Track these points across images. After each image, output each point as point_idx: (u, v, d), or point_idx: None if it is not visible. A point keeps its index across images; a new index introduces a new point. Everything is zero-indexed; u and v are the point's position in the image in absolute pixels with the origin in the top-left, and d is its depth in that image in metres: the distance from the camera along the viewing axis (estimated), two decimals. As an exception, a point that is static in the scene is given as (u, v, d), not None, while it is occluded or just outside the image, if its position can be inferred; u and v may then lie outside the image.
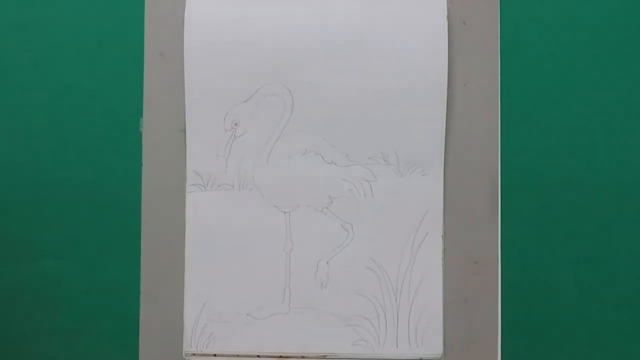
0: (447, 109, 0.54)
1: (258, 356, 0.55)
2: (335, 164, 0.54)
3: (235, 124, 0.54)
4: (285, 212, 0.54)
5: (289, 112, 0.54)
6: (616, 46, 0.55)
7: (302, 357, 0.54)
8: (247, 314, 0.55)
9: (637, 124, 0.55)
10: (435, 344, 0.54)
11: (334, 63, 0.54)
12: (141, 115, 0.55)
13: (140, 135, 0.56)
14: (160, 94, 0.55)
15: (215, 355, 0.55)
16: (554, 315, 0.55)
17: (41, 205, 0.56)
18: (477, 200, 0.54)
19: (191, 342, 0.54)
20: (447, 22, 0.54)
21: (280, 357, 0.54)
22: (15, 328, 0.56)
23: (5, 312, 0.56)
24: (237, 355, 0.55)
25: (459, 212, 0.54)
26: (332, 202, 0.54)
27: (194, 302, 0.55)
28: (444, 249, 0.54)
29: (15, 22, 0.56)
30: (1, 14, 0.56)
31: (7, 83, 0.56)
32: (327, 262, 0.54)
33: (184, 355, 0.55)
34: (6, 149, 0.56)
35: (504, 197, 0.54)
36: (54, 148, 0.56)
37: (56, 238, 0.56)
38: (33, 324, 0.56)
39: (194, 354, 0.55)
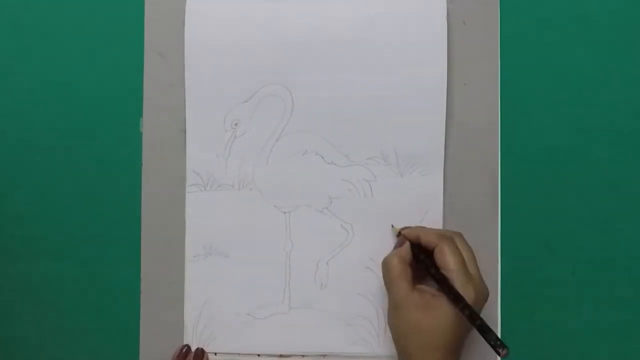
0: (447, 108, 0.54)
1: (258, 355, 0.55)
2: (335, 164, 0.54)
3: (236, 124, 0.54)
4: (285, 212, 0.54)
5: (289, 112, 0.54)
6: (617, 46, 0.55)
7: (302, 356, 0.54)
8: (247, 314, 0.55)
9: (638, 123, 0.55)
10: (435, 344, 0.54)
11: (334, 63, 0.54)
12: (141, 115, 0.55)
13: (140, 135, 0.56)
14: (160, 94, 0.55)
15: (215, 354, 0.55)
16: (554, 315, 0.55)
17: (41, 205, 0.56)
18: (477, 200, 0.54)
19: (192, 341, 0.55)
20: (447, 22, 0.54)
21: (281, 356, 0.54)
22: (14, 328, 0.56)
23: (4, 312, 0.56)
24: (237, 354, 0.55)
25: (459, 212, 0.54)
26: (331, 202, 0.54)
27: (194, 302, 0.55)
28: (444, 249, 0.54)
29: (13, 21, 0.56)
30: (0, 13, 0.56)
31: (6, 83, 0.56)
32: (327, 262, 0.54)
33: (184, 355, 0.55)
34: (5, 148, 0.56)
35: (504, 197, 0.54)
36: (53, 148, 0.56)
37: (56, 238, 0.56)
38: (33, 324, 0.56)
39: (194, 354, 0.55)
